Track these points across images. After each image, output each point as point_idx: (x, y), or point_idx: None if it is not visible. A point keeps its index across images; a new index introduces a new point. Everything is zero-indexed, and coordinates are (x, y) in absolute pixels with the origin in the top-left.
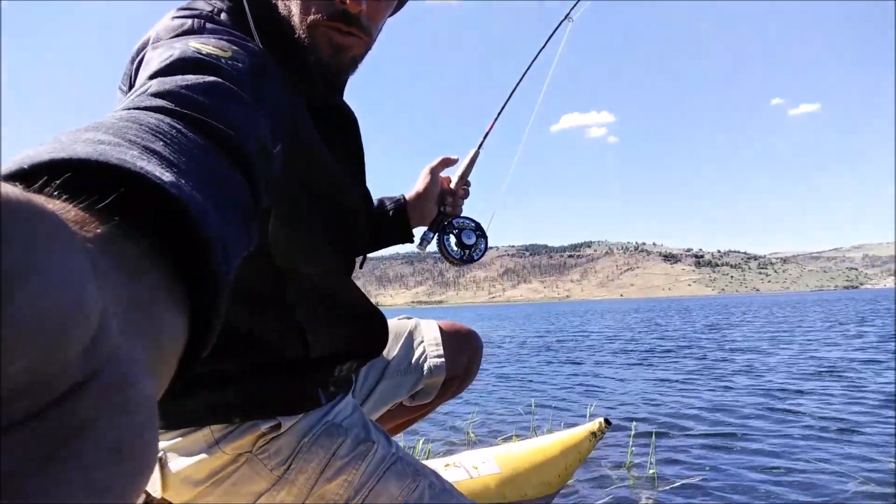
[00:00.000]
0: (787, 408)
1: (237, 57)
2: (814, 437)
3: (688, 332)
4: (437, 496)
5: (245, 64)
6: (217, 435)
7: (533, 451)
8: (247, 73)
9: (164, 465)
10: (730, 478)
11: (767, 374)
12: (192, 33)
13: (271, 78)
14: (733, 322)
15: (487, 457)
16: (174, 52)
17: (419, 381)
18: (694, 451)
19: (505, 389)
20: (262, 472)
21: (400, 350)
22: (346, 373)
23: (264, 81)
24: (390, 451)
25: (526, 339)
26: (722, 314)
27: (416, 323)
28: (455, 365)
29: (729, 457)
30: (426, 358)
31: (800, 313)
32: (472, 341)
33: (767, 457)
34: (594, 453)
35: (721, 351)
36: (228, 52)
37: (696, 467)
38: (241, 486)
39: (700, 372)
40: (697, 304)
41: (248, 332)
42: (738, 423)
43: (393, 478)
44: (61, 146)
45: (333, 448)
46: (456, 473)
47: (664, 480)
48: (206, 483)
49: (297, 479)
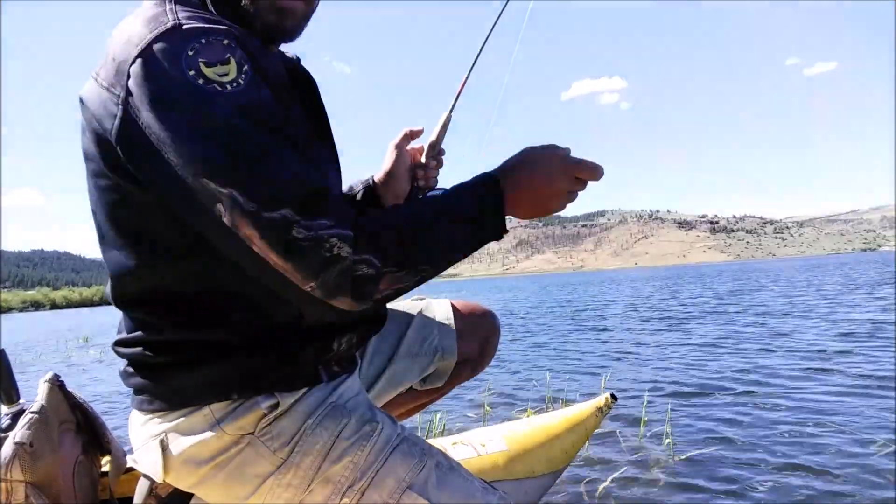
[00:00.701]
0: (819, 368)
1: (240, 62)
2: (845, 392)
3: (709, 299)
4: (444, 476)
5: (248, 65)
6: (218, 415)
7: (540, 428)
8: (252, 76)
9: (166, 448)
10: (754, 447)
11: (794, 336)
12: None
13: (257, 55)
14: (753, 287)
15: (495, 434)
16: (213, 104)
17: (430, 364)
18: (716, 418)
19: (528, 361)
20: (266, 454)
21: (410, 332)
22: (346, 347)
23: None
24: (395, 432)
25: (549, 308)
26: (741, 280)
27: (428, 303)
28: (468, 347)
29: (753, 420)
30: (437, 340)
31: (818, 276)
32: (487, 322)
33: (791, 424)
34: (613, 423)
35: (747, 316)
36: (232, 71)
37: (715, 436)
38: (245, 469)
39: (727, 338)
40: (714, 270)
41: (240, 294)
42: (767, 387)
43: (399, 458)
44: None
45: (338, 430)
46: (463, 451)
47: (684, 449)
48: (208, 464)
49: (302, 461)
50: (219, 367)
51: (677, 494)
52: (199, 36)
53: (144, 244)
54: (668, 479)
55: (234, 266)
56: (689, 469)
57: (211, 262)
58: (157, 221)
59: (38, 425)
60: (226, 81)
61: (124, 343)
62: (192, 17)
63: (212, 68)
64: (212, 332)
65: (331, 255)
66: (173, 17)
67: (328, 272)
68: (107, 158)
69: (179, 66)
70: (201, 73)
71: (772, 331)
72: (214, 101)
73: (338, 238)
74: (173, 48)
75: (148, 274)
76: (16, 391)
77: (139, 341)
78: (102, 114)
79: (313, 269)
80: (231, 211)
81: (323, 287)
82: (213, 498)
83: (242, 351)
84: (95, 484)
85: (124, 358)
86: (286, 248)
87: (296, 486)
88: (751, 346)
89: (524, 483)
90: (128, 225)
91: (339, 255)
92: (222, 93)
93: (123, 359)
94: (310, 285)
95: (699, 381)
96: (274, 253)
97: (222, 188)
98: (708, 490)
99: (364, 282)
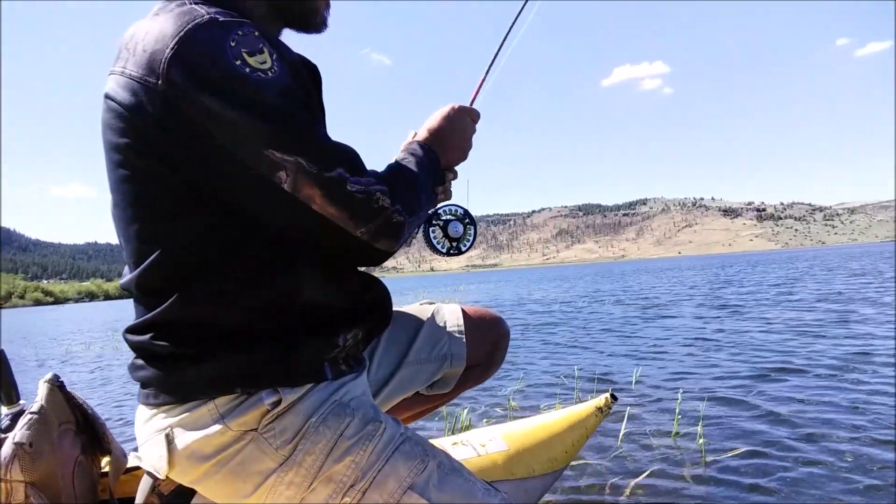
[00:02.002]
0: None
1: (271, 52)
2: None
3: (763, 287)
4: (446, 476)
5: (276, 53)
6: (222, 409)
7: (539, 428)
8: (284, 64)
9: (171, 442)
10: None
11: (859, 327)
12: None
13: (276, 45)
14: (812, 276)
15: (494, 434)
16: (268, 89)
17: (438, 370)
18: (752, 417)
19: (558, 354)
20: (268, 451)
21: (420, 338)
22: (352, 344)
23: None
24: (398, 431)
25: (602, 298)
26: (794, 268)
27: (438, 308)
28: (477, 353)
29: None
30: (447, 346)
31: (874, 264)
32: (497, 328)
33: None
34: (650, 416)
35: (816, 302)
36: (268, 60)
37: (752, 435)
38: (247, 466)
39: (796, 328)
40: (764, 258)
41: (240, 274)
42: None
43: (401, 458)
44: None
45: (341, 429)
46: (464, 451)
47: (718, 451)
48: (211, 459)
49: (305, 460)
50: (222, 359)
51: (706, 495)
52: (235, 28)
53: (158, 227)
54: (697, 480)
55: (239, 247)
56: (720, 472)
57: (212, 245)
58: (180, 203)
59: (38, 426)
60: (266, 69)
61: (133, 330)
62: (220, 13)
63: (253, 57)
64: (212, 317)
65: (378, 205)
66: (205, 12)
67: (377, 219)
68: (136, 146)
69: (226, 55)
70: (246, 62)
71: (833, 320)
72: (265, 86)
73: (380, 192)
74: (215, 39)
75: (159, 258)
76: (16, 392)
77: (147, 327)
78: (136, 103)
79: (365, 218)
80: (295, 175)
81: (371, 232)
82: (216, 494)
83: (245, 341)
84: (95, 484)
85: (133, 348)
86: (345, 201)
87: (297, 485)
88: (810, 335)
89: (524, 483)
90: (146, 209)
91: (383, 205)
92: (266, 79)
93: (133, 350)
94: (360, 231)
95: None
96: (333, 207)
97: (288, 156)
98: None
99: (398, 227)
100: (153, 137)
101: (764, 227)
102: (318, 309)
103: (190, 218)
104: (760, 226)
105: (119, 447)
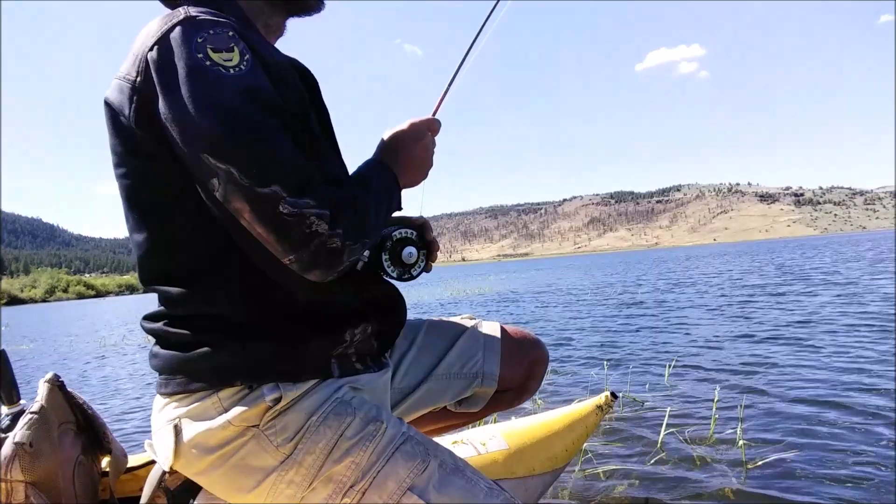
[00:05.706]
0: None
1: (243, 52)
2: None
3: (809, 272)
4: (447, 476)
5: (249, 55)
6: (226, 403)
7: (540, 426)
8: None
9: (179, 433)
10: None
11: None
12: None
13: (259, 47)
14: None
15: (495, 432)
16: (220, 85)
17: (468, 387)
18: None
19: (595, 346)
20: (269, 448)
21: (453, 351)
22: (361, 338)
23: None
24: (400, 431)
25: (645, 286)
26: (840, 254)
27: (477, 324)
28: (512, 374)
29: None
30: (480, 364)
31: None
32: (535, 351)
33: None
34: (681, 419)
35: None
36: (235, 58)
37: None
38: (248, 462)
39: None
40: (806, 244)
41: (241, 268)
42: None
43: (401, 459)
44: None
45: (342, 428)
46: (464, 450)
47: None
48: (215, 453)
49: (305, 459)
50: (227, 349)
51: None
52: (208, 26)
53: (157, 222)
54: (738, 485)
55: (233, 241)
56: (730, 466)
57: (214, 237)
58: (169, 197)
59: (38, 425)
60: (230, 66)
61: (149, 318)
62: (203, 12)
63: (218, 54)
64: (217, 307)
65: (309, 230)
66: (185, 12)
67: (308, 246)
68: (128, 144)
69: (190, 49)
70: (209, 56)
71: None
72: (219, 82)
73: (315, 216)
74: (185, 35)
75: (163, 251)
76: (16, 391)
77: (160, 315)
78: (123, 102)
79: (293, 242)
80: (225, 185)
81: (300, 261)
82: (218, 489)
83: (250, 333)
84: (96, 484)
85: (150, 334)
86: (272, 222)
87: (298, 484)
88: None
89: (525, 481)
90: (144, 205)
91: (316, 230)
92: (226, 75)
93: (151, 336)
94: (289, 258)
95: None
96: (260, 225)
97: (221, 164)
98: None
99: (334, 253)
100: (136, 135)
101: (802, 213)
102: (323, 303)
103: (180, 215)
104: (799, 211)
105: (119, 447)
